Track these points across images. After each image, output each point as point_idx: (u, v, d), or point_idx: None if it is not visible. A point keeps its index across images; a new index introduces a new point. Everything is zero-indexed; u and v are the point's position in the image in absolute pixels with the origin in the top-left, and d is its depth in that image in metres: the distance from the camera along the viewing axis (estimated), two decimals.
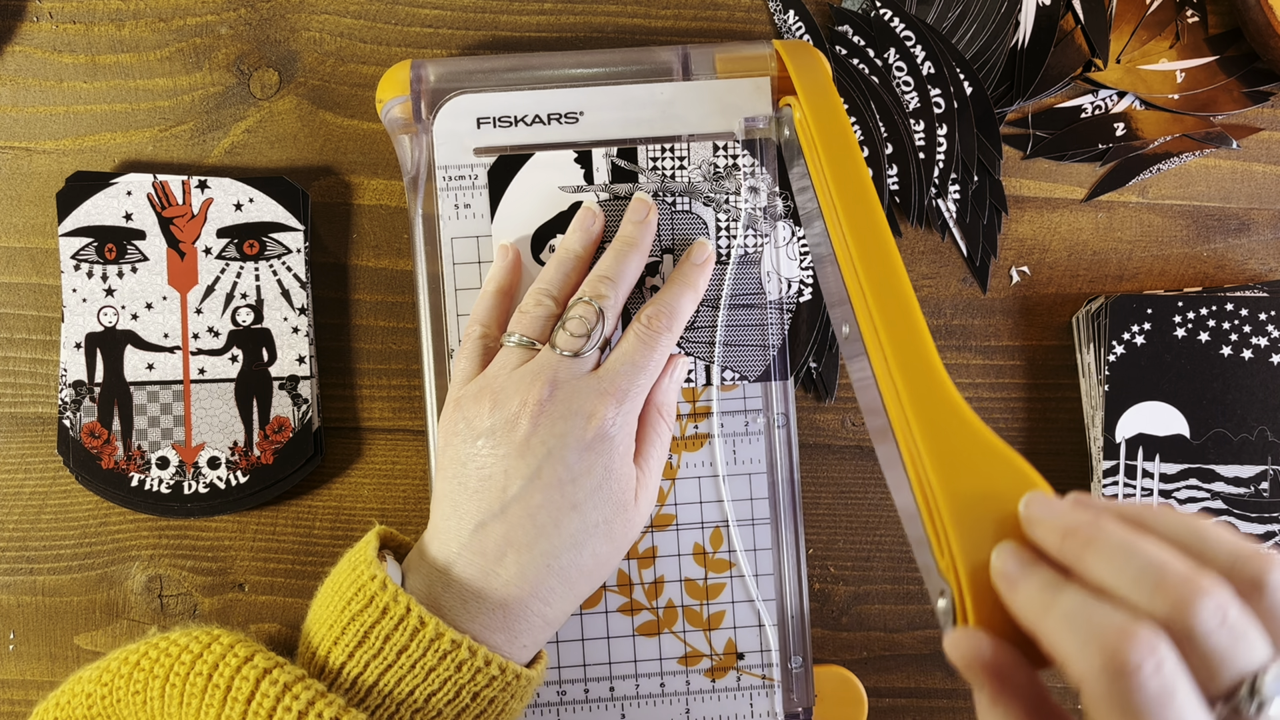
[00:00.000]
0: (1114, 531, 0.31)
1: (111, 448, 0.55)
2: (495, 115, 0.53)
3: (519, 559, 0.44)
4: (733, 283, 0.52)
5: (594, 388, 0.47)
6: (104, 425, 0.54)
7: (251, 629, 0.56)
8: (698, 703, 0.53)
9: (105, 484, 0.54)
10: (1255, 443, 0.55)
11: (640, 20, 0.58)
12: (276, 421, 0.55)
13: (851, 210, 0.45)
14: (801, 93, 0.49)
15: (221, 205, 0.54)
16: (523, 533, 0.45)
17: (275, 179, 0.55)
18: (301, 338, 0.55)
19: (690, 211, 0.52)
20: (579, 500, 0.45)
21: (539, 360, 0.47)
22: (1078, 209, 0.58)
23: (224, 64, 0.57)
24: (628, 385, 0.47)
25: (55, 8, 0.57)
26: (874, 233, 0.44)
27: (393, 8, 0.57)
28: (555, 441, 0.45)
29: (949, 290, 0.58)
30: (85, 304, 0.54)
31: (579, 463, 0.45)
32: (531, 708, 0.53)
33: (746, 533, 0.54)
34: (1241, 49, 0.58)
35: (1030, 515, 0.34)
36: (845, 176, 0.46)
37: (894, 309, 0.42)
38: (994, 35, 0.57)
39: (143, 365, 0.55)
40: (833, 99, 0.49)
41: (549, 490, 0.45)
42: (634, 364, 0.48)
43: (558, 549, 0.45)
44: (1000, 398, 0.58)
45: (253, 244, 0.54)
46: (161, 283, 0.54)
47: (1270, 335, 0.55)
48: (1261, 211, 0.58)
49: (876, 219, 0.44)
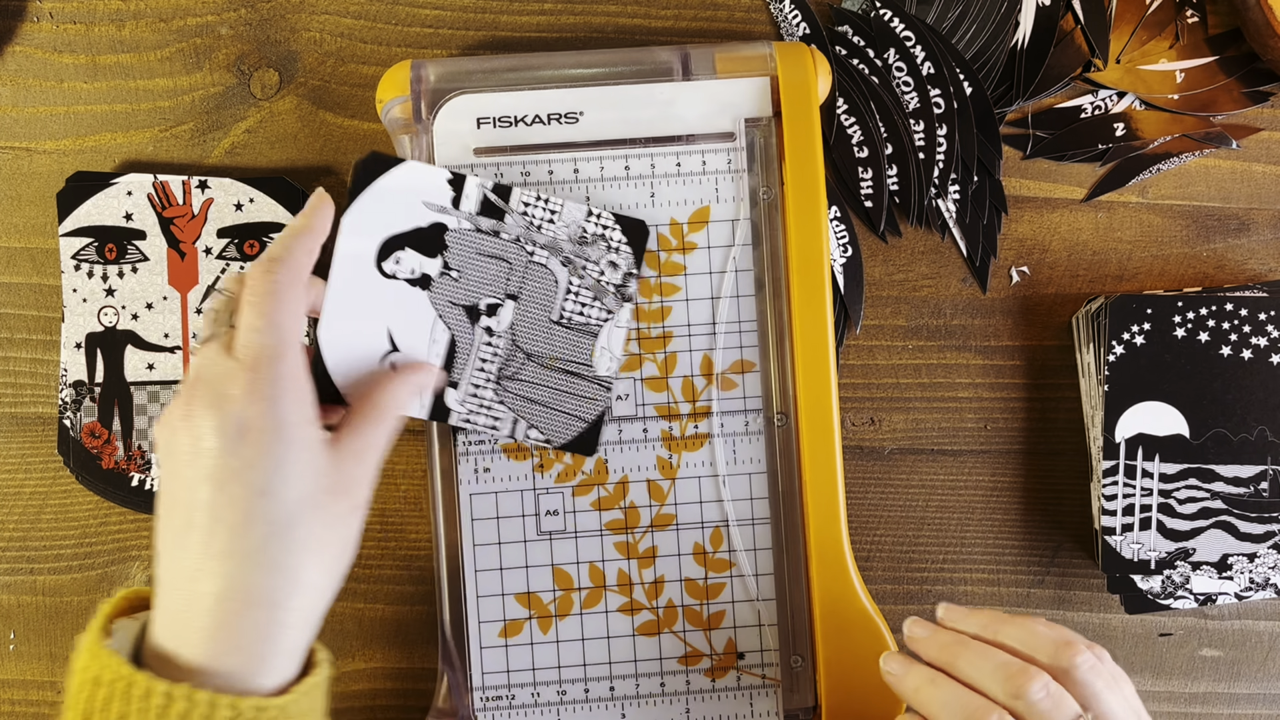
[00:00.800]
0: (974, 645, 0.45)
1: (112, 448, 0.55)
2: (495, 115, 0.53)
3: (220, 568, 0.40)
4: (566, 346, 0.52)
5: (227, 367, 0.42)
6: (104, 425, 0.54)
7: None
8: (698, 702, 0.53)
9: (106, 484, 0.54)
10: (1255, 443, 0.55)
11: (640, 20, 0.58)
12: None
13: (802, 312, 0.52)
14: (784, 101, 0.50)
15: (222, 205, 0.54)
16: (217, 541, 0.40)
17: (275, 179, 0.55)
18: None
19: (545, 266, 0.51)
20: (264, 485, 0.41)
21: (192, 363, 0.44)
22: (1078, 209, 0.58)
23: (224, 64, 0.57)
24: (255, 350, 0.42)
25: (55, 8, 0.57)
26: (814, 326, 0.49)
27: (393, 8, 0.57)
28: (212, 435, 0.41)
29: (949, 290, 0.58)
30: (85, 304, 0.54)
31: (244, 447, 0.41)
32: (531, 708, 0.53)
33: (746, 533, 0.54)
34: (1241, 49, 0.58)
35: (913, 635, 0.47)
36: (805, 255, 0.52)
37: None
38: (994, 35, 0.57)
39: (143, 365, 0.55)
40: (811, 119, 0.52)
41: (227, 485, 0.40)
42: (252, 326, 0.43)
43: (260, 543, 0.41)
44: (1000, 398, 0.58)
45: (253, 244, 0.54)
46: (162, 283, 0.54)
47: (1270, 335, 0.55)
48: (1261, 211, 0.58)
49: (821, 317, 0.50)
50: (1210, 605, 0.57)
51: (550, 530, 0.53)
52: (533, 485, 0.53)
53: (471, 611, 0.53)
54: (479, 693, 0.53)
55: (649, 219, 0.53)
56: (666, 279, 0.54)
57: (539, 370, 0.51)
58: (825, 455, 0.52)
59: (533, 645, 0.53)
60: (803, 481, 0.53)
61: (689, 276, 0.54)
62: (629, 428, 0.54)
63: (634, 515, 0.54)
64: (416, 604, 0.57)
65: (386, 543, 0.57)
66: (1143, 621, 0.58)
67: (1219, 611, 0.58)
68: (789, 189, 0.52)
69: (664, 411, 0.54)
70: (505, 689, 0.53)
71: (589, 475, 0.54)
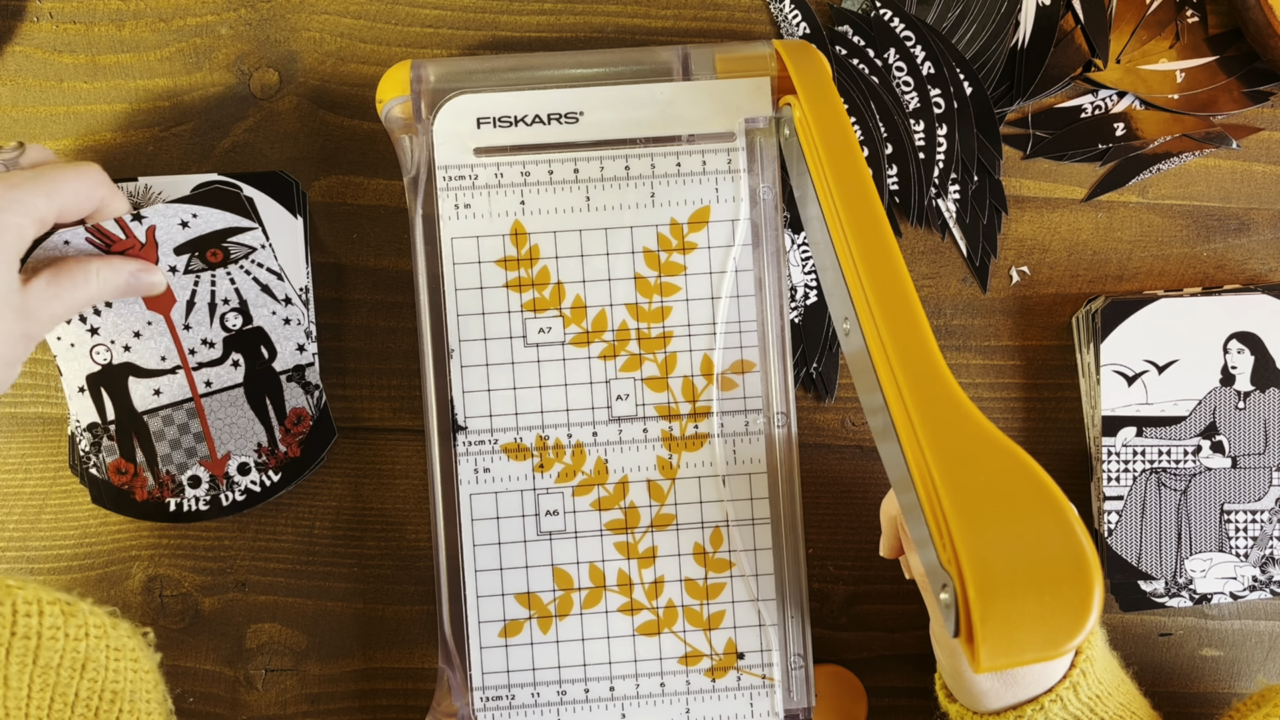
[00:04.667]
0: None
1: (141, 479, 0.54)
2: (495, 115, 0.53)
3: None
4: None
5: None
6: (128, 460, 0.54)
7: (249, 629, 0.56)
8: (698, 702, 0.53)
9: (145, 516, 0.55)
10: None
11: (640, 20, 0.58)
12: (294, 414, 0.55)
13: (852, 208, 0.45)
14: (802, 92, 0.49)
15: (166, 229, 0.52)
16: None
17: (209, 188, 0.53)
18: (295, 327, 0.55)
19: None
20: None
21: None
22: (1078, 209, 0.58)
23: (224, 64, 0.57)
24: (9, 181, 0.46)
25: (55, 8, 0.57)
26: (875, 231, 0.44)
27: (393, 8, 0.57)
28: None
29: (949, 290, 0.58)
30: (74, 348, 0.54)
31: None
32: (531, 708, 0.53)
33: (746, 533, 0.54)
34: (1241, 49, 0.58)
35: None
36: (846, 175, 0.46)
37: (895, 306, 0.42)
38: (994, 35, 0.57)
39: (149, 392, 0.54)
40: (833, 98, 0.49)
41: None
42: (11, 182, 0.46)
43: None
44: (1000, 398, 0.58)
45: (215, 252, 0.53)
46: (140, 310, 0.54)
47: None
48: (1261, 211, 0.58)
49: (877, 217, 0.44)
50: (1209, 604, 0.57)
51: (550, 530, 0.53)
52: (533, 485, 0.53)
53: (471, 611, 0.53)
54: (479, 693, 0.53)
55: (649, 219, 0.53)
56: (666, 279, 0.54)
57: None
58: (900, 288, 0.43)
59: (533, 645, 0.53)
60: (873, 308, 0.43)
61: (689, 276, 0.54)
62: (629, 428, 0.54)
63: (634, 515, 0.54)
64: (416, 604, 0.57)
65: (387, 543, 0.57)
66: (1143, 621, 0.58)
67: (1219, 611, 0.58)
68: (823, 170, 0.47)
69: (664, 411, 0.54)
70: (505, 689, 0.53)
71: (589, 475, 0.54)
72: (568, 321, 0.54)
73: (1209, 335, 0.55)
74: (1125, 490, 0.55)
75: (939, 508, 0.37)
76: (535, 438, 0.53)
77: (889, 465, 0.41)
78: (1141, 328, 0.54)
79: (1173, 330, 0.55)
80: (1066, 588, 0.36)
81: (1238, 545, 0.55)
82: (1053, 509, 0.37)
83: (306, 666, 0.57)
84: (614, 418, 0.53)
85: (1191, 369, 0.55)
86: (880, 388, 0.41)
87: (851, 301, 0.44)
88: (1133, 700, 0.49)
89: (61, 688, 0.43)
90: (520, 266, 0.53)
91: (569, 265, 0.54)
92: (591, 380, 0.54)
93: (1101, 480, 0.55)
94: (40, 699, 0.43)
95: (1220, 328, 0.55)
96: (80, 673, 0.44)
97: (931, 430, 0.38)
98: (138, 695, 0.46)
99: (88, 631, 0.44)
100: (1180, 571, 0.55)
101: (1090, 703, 0.47)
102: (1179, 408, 0.55)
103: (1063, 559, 0.36)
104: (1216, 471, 0.55)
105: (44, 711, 0.43)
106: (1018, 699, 0.46)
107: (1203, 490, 0.55)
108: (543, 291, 0.54)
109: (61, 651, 0.43)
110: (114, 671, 0.45)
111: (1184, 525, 0.55)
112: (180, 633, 0.57)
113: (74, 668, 0.44)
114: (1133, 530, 0.55)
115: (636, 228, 0.54)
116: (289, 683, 0.57)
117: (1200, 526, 0.55)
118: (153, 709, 0.46)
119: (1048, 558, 0.36)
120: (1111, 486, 0.55)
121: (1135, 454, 0.55)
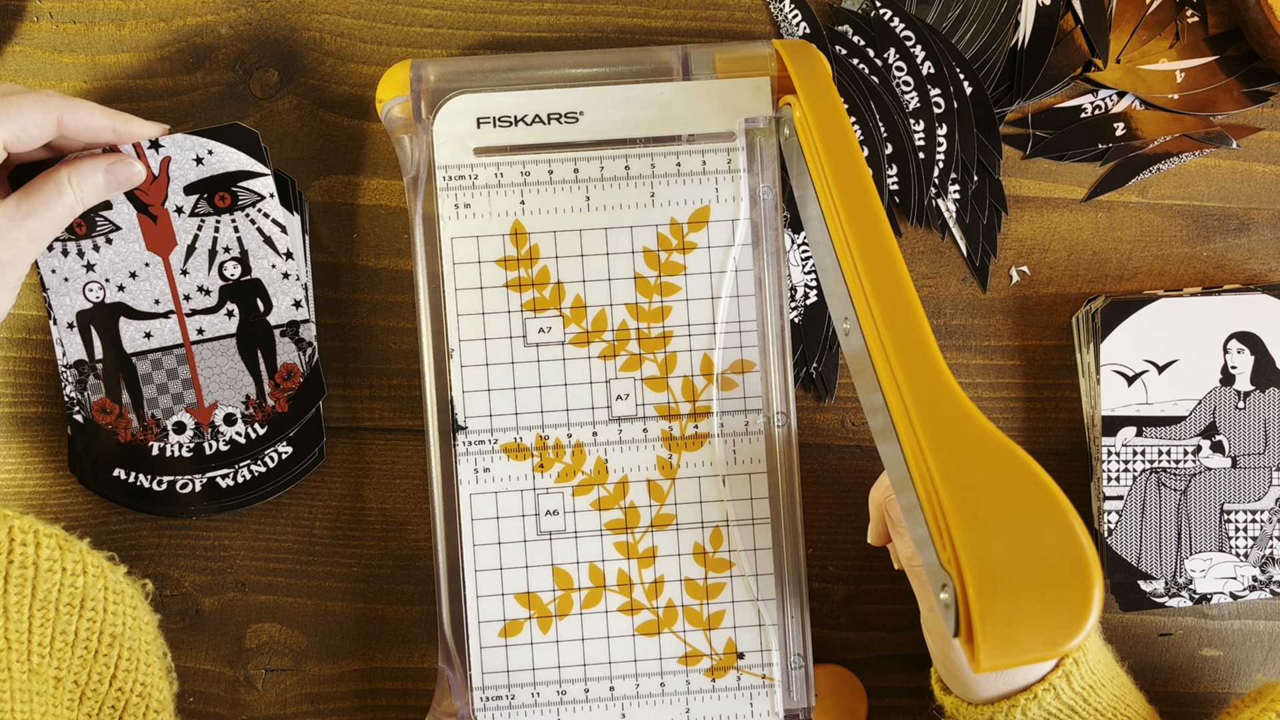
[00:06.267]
0: None
1: (126, 420, 0.54)
2: (495, 115, 0.53)
3: None
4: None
5: None
6: (114, 400, 0.54)
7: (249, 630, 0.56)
8: (698, 702, 0.53)
9: (126, 457, 0.54)
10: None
11: (640, 20, 0.58)
12: (285, 369, 0.54)
13: (852, 207, 0.45)
14: (802, 92, 0.49)
15: (181, 162, 0.53)
16: None
17: (230, 127, 0.53)
18: (294, 283, 0.54)
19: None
20: None
21: None
22: (1077, 209, 0.58)
23: (224, 64, 0.57)
24: None
25: (55, 8, 0.57)
26: (875, 230, 0.44)
27: (393, 8, 0.57)
28: None
29: (949, 290, 0.58)
30: (67, 283, 0.54)
31: None
32: (531, 707, 0.53)
33: (746, 532, 0.54)
34: (1241, 49, 0.58)
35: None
36: (846, 174, 0.46)
37: (895, 305, 0.42)
38: (994, 35, 0.57)
39: (140, 335, 0.54)
40: (833, 98, 0.49)
41: None
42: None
43: None
44: (1000, 398, 0.58)
45: (224, 196, 0.53)
46: (140, 250, 0.54)
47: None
48: (1261, 211, 0.58)
49: (877, 216, 0.44)
50: (1208, 604, 0.57)
51: (550, 530, 0.53)
52: (533, 485, 0.53)
53: (471, 611, 0.53)
54: (479, 693, 0.53)
55: (649, 219, 0.53)
56: (666, 279, 0.54)
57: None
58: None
59: (533, 645, 0.53)
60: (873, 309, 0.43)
61: (689, 276, 0.54)
62: (629, 427, 0.54)
63: (634, 515, 0.54)
64: (416, 604, 0.57)
65: (387, 543, 0.57)
66: (1143, 621, 0.58)
67: (1219, 611, 0.58)
68: (823, 169, 0.47)
69: (664, 411, 0.54)
70: (505, 689, 0.53)
71: (589, 475, 0.54)
72: (568, 321, 0.54)
73: (1209, 335, 0.55)
74: (1125, 490, 0.55)
75: (939, 508, 0.37)
76: (535, 437, 0.53)
77: (889, 465, 0.41)
78: (1141, 328, 0.54)
79: (1173, 330, 0.55)
80: (1066, 587, 0.36)
81: (1237, 545, 0.55)
82: (1053, 509, 0.37)
83: (306, 666, 0.57)
84: (614, 417, 0.54)
85: (1191, 369, 0.55)
86: (880, 388, 0.41)
87: (851, 301, 0.44)
88: (1127, 693, 0.49)
89: (61, 624, 0.42)
90: (520, 266, 0.53)
91: (569, 265, 0.54)
92: (591, 380, 0.54)
93: (1101, 480, 0.55)
94: (41, 635, 0.42)
95: (1220, 328, 0.55)
96: (79, 610, 0.43)
97: (931, 430, 0.38)
98: (137, 643, 0.44)
99: (85, 568, 0.43)
100: (1180, 571, 0.55)
101: (1084, 693, 0.47)
102: (1179, 408, 0.55)
103: (1062, 559, 0.36)
104: (1216, 471, 0.55)
105: (46, 649, 0.42)
106: (1011, 688, 0.47)
107: (1203, 490, 0.55)
108: (543, 291, 0.54)
109: (59, 585, 0.42)
110: (112, 614, 0.44)
111: (1184, 525, 0.55)
112: (180, 632, 0.57)
113: (72, 604, 0.43)
114: (1132, 530, 0.55)
115: (636, 227, 0.54)
116: (289, 683, 0.57)
117: (1200, 526, 0.55)
118: (152, 661, 0.45)
119: (1047, 557, 0.36)
120: (1111, 486, 0.55)
121: (1135, 454, 0.55)
